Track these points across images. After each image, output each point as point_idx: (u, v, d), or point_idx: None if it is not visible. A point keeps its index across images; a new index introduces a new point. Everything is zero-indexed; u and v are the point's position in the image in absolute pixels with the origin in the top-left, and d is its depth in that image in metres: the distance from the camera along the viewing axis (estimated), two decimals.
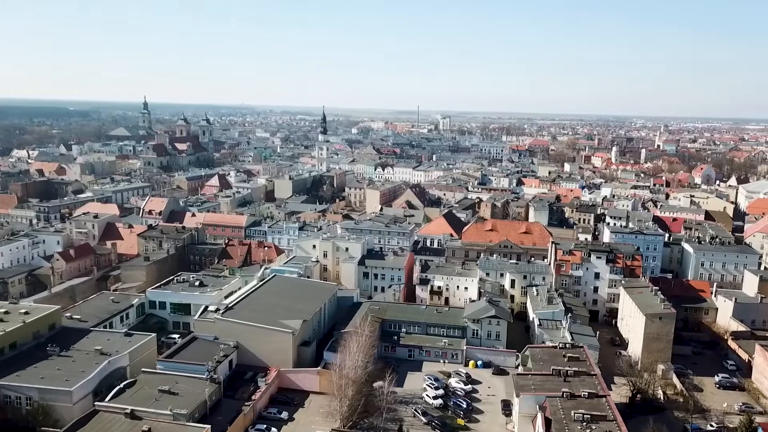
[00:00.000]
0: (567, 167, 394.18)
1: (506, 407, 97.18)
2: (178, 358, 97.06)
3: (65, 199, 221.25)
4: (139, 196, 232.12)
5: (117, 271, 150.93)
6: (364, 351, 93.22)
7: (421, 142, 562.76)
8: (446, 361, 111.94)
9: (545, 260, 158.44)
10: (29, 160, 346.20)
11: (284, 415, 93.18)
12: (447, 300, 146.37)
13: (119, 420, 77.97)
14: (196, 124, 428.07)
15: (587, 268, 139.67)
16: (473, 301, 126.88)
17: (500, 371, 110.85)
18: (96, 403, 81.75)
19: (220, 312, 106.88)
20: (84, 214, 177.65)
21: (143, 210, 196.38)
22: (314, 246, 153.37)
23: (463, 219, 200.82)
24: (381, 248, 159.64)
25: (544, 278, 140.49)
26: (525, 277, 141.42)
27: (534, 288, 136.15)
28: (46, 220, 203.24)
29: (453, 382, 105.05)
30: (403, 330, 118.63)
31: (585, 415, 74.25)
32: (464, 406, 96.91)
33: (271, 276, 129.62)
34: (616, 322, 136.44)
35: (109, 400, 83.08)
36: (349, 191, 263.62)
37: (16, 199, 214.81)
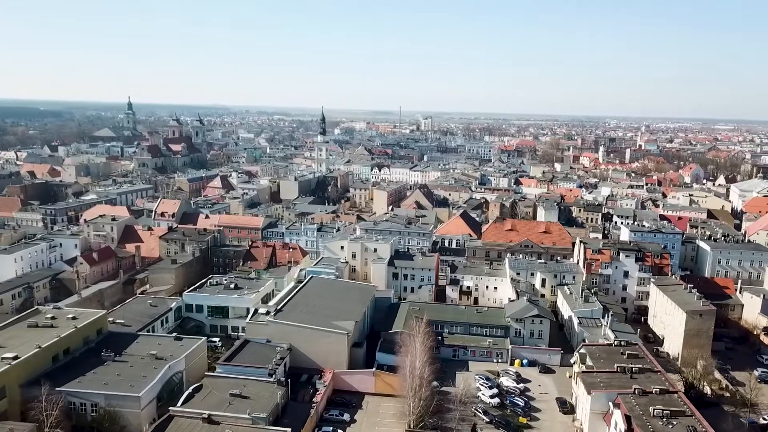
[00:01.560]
0: (558, 167, 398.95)
1: (563, 405, 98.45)
2: (236, 362, 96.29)
3: (70, 201, 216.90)
4: (146, 198, 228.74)
5: (141, 275, 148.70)
6: (429, 351, 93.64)
7: (408, 142, 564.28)
8: (499, 360, 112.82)
9: (567, 259, 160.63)
10: (17, 162, 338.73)
11: (346, 417, 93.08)
12: (476, 300, 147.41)
13: (197, 425, 77.24)
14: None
15: (616, 267, 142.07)
16: (512, 300, 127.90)
17: (546, 369, 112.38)
18: (171, 408, 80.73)
19: (271, 315, 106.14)
20: (100, 216, 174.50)
21: (155, 212, 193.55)
22: (342, 247, 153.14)
23: (477, 219, 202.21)
24: (408, 249, 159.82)
25: (574, 277, 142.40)
26: (555, 276, 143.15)
27: (565, 287, 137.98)
28: (52, 223, 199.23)
29: (504, 381, 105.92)
30: (446, 330, 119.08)
31: (664, 411, 75.66)
32: (522, 404, 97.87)
33: (308, 278, 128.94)
34: (645, 320, 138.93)
35: (181, 405, 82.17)
36: (354, 192, 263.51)
37: (19, 202, 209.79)
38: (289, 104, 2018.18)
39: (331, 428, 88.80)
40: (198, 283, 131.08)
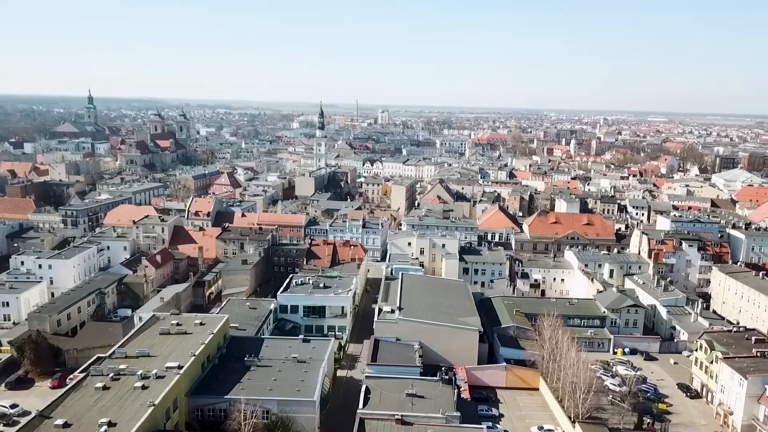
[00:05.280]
0: (538, 160, 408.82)
1: (688, 390, 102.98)
2: (381, 361, 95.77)
3: (86, 201, 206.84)
4: (163, 197, 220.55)
5: (208, 276, 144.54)
6: (575, 345, 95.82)
7: (379, 136, 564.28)
8: (620, 349, 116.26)
9: (610, 250, 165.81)
10: None
11: (495, 411, 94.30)
12: (543, 292, 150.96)
13: (391, 427, 76.61)
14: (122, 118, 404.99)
15: (679, 256, 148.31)
16: (600, 291, 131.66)
17: (650, 357, 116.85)
18: (359, 411, 79.64)
19: (397, 313, 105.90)
20: (146, 217, 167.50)
21: (188, 211, 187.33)
22: (409, 243, 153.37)
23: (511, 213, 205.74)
24: (471, 244, 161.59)
25: (639, 267, 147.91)
26: (621, 267, 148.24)
27: (634, 277, 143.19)
28: (73, 225, 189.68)
29: (621, 369, 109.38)
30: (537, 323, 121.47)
31: None
32: (652, 391, 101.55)
33: (400, 275, 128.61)
34: (707, 306, 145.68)
35: (363, 408, 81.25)
36: (366, 187, 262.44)
37: (33, 204, 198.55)
38: (228, 97, 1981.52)
39: (490, 423, 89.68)
40: (284, 284, 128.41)
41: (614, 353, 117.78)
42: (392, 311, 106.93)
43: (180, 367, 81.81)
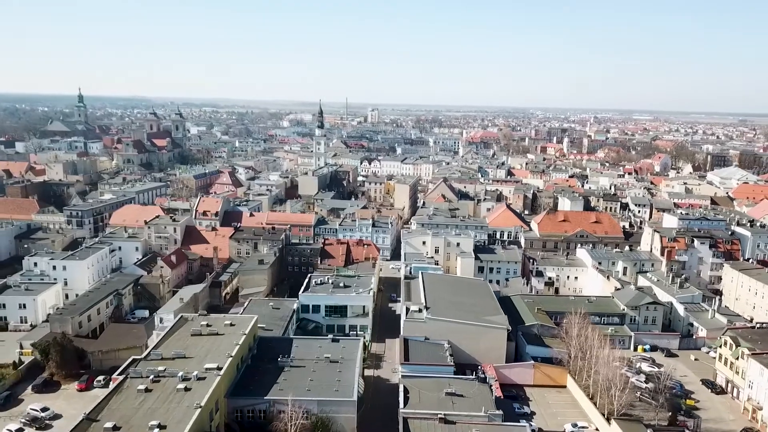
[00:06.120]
0: (533, 158, 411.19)
1: (713, 386, 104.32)
2: (413, 360, 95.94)
3: (91, 201, 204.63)
4: (167, 197, 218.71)
5: (224, 276, 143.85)
6: (607, 342, 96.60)
7: (372, 135, 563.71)
8: (641, 346, 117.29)
9: (619, 248, 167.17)
10: None
11: (526, 409, 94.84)
12: (557, 290, 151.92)
13: (434, 426, 76.88)
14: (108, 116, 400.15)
15: (691, 253, 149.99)
16: (618, 289, 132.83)
17: (670, 354, 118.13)
18: (401, 410, 79.76)
19: (425, 312, 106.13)
20: (157, 217, 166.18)
21: (196, 211, 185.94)
22: (424, 242, 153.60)
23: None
24: (483, 242, 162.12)
25: (652, 264, 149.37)
26: (635, 264, 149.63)
27: (648, 274, 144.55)
28: (78, 225, 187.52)
29: (644, 366, 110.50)
30: (565, 321, 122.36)
31: None
32: (678, 387, 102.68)
33: (420, 274, 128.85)
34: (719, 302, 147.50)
35: (404, 407, 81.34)
36: (369, 186, 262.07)
37: (37, 204, 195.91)
38: (214, 96, 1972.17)
39: (524, 421, 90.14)
40: (304, 284, 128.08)
41: (635, 350, 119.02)
42: (419, 310, 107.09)
43: (219, 369, 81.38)
